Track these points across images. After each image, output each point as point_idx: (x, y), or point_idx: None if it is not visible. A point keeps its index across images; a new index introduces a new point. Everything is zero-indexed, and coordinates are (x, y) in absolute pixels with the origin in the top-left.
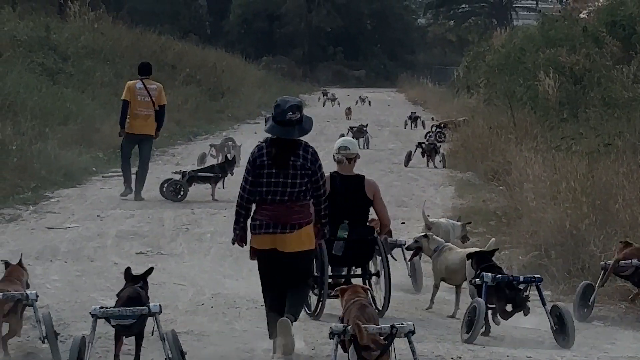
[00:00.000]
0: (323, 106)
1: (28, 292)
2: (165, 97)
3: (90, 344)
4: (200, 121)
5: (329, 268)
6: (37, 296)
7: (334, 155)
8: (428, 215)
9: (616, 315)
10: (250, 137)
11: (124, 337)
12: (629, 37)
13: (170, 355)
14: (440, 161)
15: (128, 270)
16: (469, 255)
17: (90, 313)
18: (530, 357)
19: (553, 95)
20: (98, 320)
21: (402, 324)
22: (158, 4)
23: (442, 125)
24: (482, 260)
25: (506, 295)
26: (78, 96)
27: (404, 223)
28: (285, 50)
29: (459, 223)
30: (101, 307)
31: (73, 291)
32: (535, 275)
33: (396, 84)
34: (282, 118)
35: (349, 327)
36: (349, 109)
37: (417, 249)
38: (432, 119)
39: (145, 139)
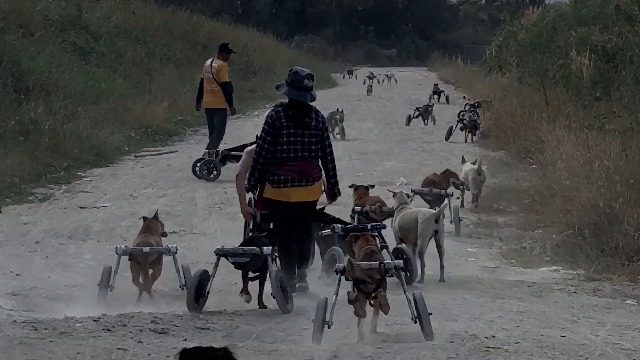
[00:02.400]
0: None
1: (170, 245)
2: (226, 75)
3: (212, 277)
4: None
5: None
6: (177, 249)
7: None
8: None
9: None
10: None
11: (248, 273)
12: None
13: (274, 290)
14: (479, 134)
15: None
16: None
17: (214, 251)
18: (564, 336)
19: (586, 74)
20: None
21: (391, 261)
22: None
23: (477, 104)
24: (324, 215)
25: None
26: (110, 75)
27: None
28: (317, 30)
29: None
30: (222, 246)
31: None
32: (379, 223)
33: (428, 63)
34: (300, 84)
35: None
36: (370, 86)
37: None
38: (464, 97)
39: (215, 111)
